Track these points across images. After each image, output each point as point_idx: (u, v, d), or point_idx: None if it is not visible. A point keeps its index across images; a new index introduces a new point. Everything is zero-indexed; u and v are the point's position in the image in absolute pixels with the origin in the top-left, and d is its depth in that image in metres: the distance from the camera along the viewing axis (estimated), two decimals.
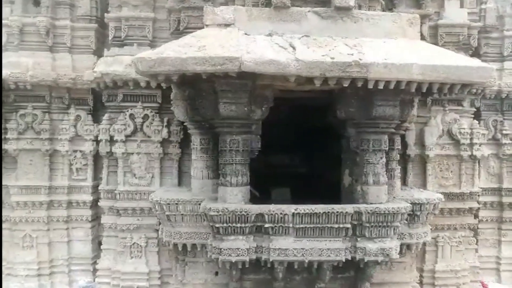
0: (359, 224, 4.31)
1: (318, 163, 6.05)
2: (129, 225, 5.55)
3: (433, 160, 5.76)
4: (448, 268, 5.73)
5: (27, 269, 5.79)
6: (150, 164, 5.59)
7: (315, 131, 5.86)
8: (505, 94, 6.09)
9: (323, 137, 5.65)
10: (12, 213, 5.87)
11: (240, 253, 4.27)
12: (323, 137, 5.65)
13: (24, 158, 5.89)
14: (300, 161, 6.51)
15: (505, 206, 6.21)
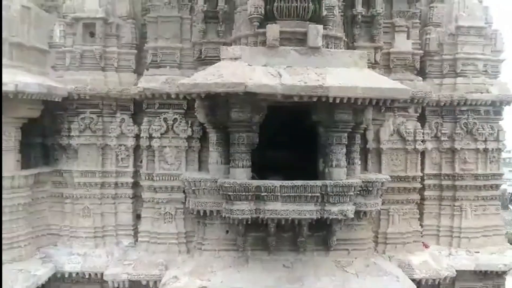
0: (325, 194, 6.31)
1: (303, 155, 8.02)
2: (163, 199, 7.57)
3: (386, 152, 7.78)
4: (397, 231, 7.77)
5: (86, 232, 7.78)
6: (178, 154, 7.60)
7: (301, 131, 7.83)
8: (443, 103, 8.08)
9: (306, 137, 7.63)
10: (74, 191, 7.86)
11: (245, 213, 6.29)
12: (306, 137, 7.63)
13: (83, 150, 7.87)
14: (290, 154, 8.45)
15: (444, 187, 8.21)
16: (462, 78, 8.13)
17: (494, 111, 8.25)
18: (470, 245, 8.03)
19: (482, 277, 8.07)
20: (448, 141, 8.18)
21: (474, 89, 8.05)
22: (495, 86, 8.18)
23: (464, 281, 8.06)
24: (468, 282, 8.07)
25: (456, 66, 8.16)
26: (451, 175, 8.15)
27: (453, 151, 8.15)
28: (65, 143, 7.87)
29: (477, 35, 8.17)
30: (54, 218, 7.98)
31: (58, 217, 7.98)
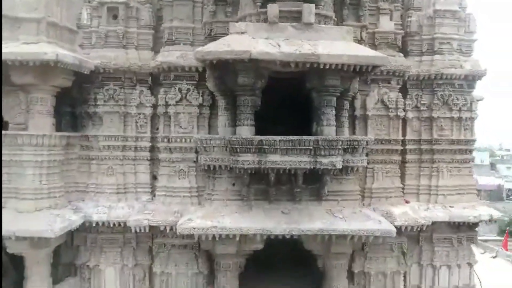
0: (317, 147, 7.44)
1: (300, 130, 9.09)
2: (177, 158, 8.71)
3: (371, 118, 8.93)
4: (381, 186, 8.93)
5: (110, 188, 8.91)
6: (191, 120, 8.74)
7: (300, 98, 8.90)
8: (422, 77, 9.22)
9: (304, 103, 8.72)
10: (99, 153, 8.97)
11: (249, 163, 7.42)
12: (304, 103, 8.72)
13: (107, 117, 8.99)
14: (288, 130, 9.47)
15: (423, 151, 9.35)
16: (439, 56, 9.27)
17: (467, 85, 9.38)
18: (446, 201, 9.16)
19: (456, 229, 9.20)
20: (426, 111, 9.31)
21: (449, 65, 9.19)
22: (468, 63, 9.32)
23: (440, 233, 9.21)
24: (444, 233, 9.22)
25: (433, 45, 9.30)
26: (429, 140, 9.29)
27: (431, 119, 9.28)
28: (91, 111, 9.00)
29: (452, 18, 9.31)
30: (81, 177, 9.10)
31: (85, 177, 9.10)
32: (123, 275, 9.00)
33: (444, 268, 9.28)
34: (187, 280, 8.69)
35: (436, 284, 9.26)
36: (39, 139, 7.90)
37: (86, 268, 9.01)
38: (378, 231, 7.65)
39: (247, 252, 8.31)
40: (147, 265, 9.09)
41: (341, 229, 7.61)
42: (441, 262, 9.25)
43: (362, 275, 8.96)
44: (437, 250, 9.24)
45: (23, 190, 7.89)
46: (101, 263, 8.92)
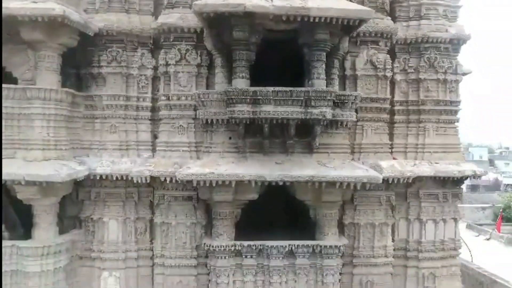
0: (308, 98, 7.93)
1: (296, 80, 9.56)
2: (177, 114, 9.20)
3: (361, 78, 9.41)
4: (369, 142, 9.42)
5: (113, 145, 9.37)
6: (189, 79, 9.21)
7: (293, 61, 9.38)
8: (409, 40, 9.70)
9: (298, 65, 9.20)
10: (103, 112, 9.45)
11: (244, 113, 7.91)
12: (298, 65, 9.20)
13: (110, 78, 9.44)
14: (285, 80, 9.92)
15: (410, 112, 9.82)
16: (426, 21, 9.74)
17: (452, 48, 9.86)
18: (432, 158, 9.63)
19: (442, 185, 9.68)
20: (414, 73, 9.79)
21: (435, 29, 9.65)
22: (453, 27, 9.79)
23: (426, 189, 9.68)
24: (430, 189, 9.69)
25: (420, 11, 9.76)
26: (416, 101, 9.76)
27: (418, 81, 9.75)
28: (95, 72, 9.48)
29: None
30: (86, 135, 9.57)
31: (89, 135, 9.58)
32: (125, 227, 9.48)
33: (431, 222, 9.76)
34: (186, 229, 9.17)
35: (423, 238, 9.72)
36: (47, 93, 8.38)
37: (90, 221, 9.50)
38: (365, 177, 8.14)
39: (242, 201, 8.80)
40: (148, 219, 9.59)
41: (330, 176, 8.09)
42: (427, 216, 9.72)
43: (352, 226, 9.45)
44: (424, 205, 9.72)
45: (32, 141, 8.38)
46: (105, 216, 9.40)
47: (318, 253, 8.70)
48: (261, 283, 8.80)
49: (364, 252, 9.38)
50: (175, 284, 9.13)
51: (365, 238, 9.39)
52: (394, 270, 9.78)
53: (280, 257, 8.67)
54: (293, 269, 8.80)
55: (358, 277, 9.41)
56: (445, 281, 9.82)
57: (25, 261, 8.39)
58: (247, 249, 8.63)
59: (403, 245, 9.81)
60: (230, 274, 8.73)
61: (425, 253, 9.69)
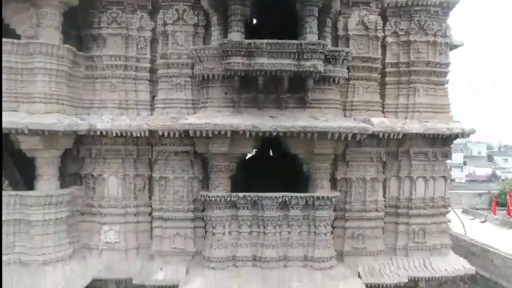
0: (300, 51, 8.23)
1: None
2: (175, 73, 9.52)
3: (353, 38, 9.71)
4: (361, 100, 9.72)
5: (113, 103, 9.66)
6: (187, 38, 9.51)
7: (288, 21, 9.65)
8: (400, 4, 10.01)
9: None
10: (103, 72, 9.75)
11: (239, 65, 8.22)
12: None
13: (110, 39, 9.73)
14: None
15: (401, 73, 10.08)
16: None
17: (442, 12, 10.13)
18: (422, 117, 9.92)
19: (431, 143, 9.98)
20: (404, 36, 10.09)
21: None
22: None
23: (417, 147, 9.98)
24: (420, 148, 9.99)
25: None
26: (406, 63, 10.06)
27: (408, 43, 10.05)
28: (95, 33, 9.77)
29: None
30: (86, 95, 9.86)
31: (90, 94, 9.88)
32: (125, 183, 9.79)
33: (421, 180, 10.06)
34: (183, 183, 9.49)
35: (413, 195, 10.03)
36: (49, 48, 8.69)
37: (91, 178, 9.81)
38: (355, 128, 8.45)
39: (237, 155, 9.12)
40: (147, 176, 9.89)
41: (322, 126, 8.40)
42: (418, 174, 10.02)
43: (344, 182, 9.76)
44: (414, 163, 10.02)
45: (34, 95, 8.68)
46: (105, 172, 9.72)
47: (310, 204, 9.00)
48: (256, 234, 9.10)
49: (356, 206, 9.69)
50: (173, 236, 9.44)
51: (356, 193, 9.71)
52: (386, 227, 10.11)
53: (274, 208, 8.97)
54: (287, 221, 9.10)
55: (350, 230, 9.72)
56: (435, 237, 10.13)
57: (28, 210, 8.70)
58: (242, 200, 8.94)
59: (394, 203, 10.11)
60: (226, 225, 9.04)
61: (415, 210, 9.99)
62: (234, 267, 9.00)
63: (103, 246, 9.73)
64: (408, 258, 9.96)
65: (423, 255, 10.02)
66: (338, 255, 9.55)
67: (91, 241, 9.79)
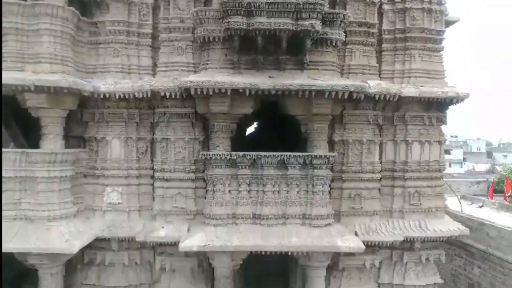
0: (299, 11, 8.42)
1: None
2: (176, 37, 9.75)
3: (349, 4, 9.87)
4: (358, 63, 9.94)
5: (116, 67, 9.86)
6: (188, 3, 9.70)
7: None
8: None
9: None
10: (106, 37, 9.98)
11: (239, 24, 8.41)
12: None
13: (113, 5, 9.82)
14: None
15: (397, 39, 10.29)
16: None
17: None
18: (417, 82, 10.15)
19: (427, 108, 10.22)
20: (400, 3, 10.31)
21: None
22: None
23: (412, 111, 10.21)
24: (416, 112, 10.23)
25: None
26: (402, 29, 10.29)
27: (404, 10, 10.28)
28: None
29: None
30: (90, 60, 10.10)
31: (93, 59, 10.11)
32: (127, 146, 10.04)
33: (416, 143, 10.30)
34: (184, 144, 9.74)
35: (409, 158, 10.27)
36: (54, 9, 8.92)
37: (94, 141, 10.06)
38: (352, 86, 8.69)
39: (237, 115, 9.35)
40: (149, 139, 10.14)
41: (319, 84, 8.64)
42: (413, 138, 10.26)
43: (341, 144, 10.00)
44: (410, 128, 10.26)
45: (40, 55, 8.91)
46: (108, 135, 9.97)
47: (308, 164, 9.24)
48: (256, 192, 9.35)
49: (353, 168, 9.93)
50: (174, 195, 9.69)
51: (353, 155, 9.95)
52: (382, 190, 10.35)
53: (273, 167, 9.22)
54: (286, 179, 9.34)
55: (347, 191, 9.97)
56: (430, 200, 10.36)
57: (33, 167, 8.94)
58: (242, 159, 9.18)
59: (391, 166, 10.35)
60: (226, 184, 9.28)
61: (411, 173, 10.24)
62: (234, 224, 9.24)
63: (106, 207, 9.97)
64: (404, 220, 10.20)
65: (418, 217, 10.26)
66: (335, 216, 9.80)
67: (94, 203, 10.03)
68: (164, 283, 9.94)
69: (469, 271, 15.40)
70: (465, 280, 15.66)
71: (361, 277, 10.19)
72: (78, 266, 10.27)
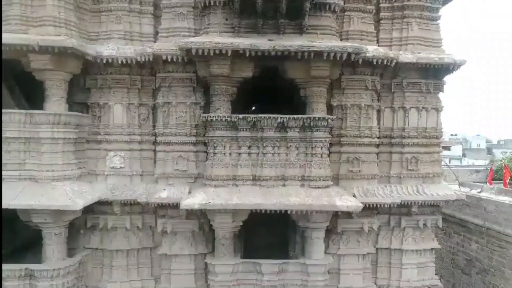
0: None
1: None
2: (177, 2, 9.88)
3: None
4: (356, 29, 10.09)
5: (118, 34, 9.95)
6: None
7: None
8: None
9: None
10: (108, 4, 10.10)
11: None
12: None
13: None
14: None
15: (395, 8, 10.48)
16: None
17: None
18: (415, 49, 10.32)
19: (424, 75, 10.37)
20: None
21: None
22: None
23: (410, 78, 10.38)
24: (414, 79, 10.39)
25: None
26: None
27: None
28: None
29: None
30: (93, 28, 10.24)
31: (96, 27, 10.25)
32: (130, 112, 10.21)
33: (414, 110, 10.47)
34: (186, 108, 9.91)
35: (406, 125, 10.44)
36: None
37: (97, 106, 10.23)
38: (350, 47, 8.84)
39: (237, 79, 9.51)
40: (151, 106, 10.31)
41: (318, 45, 8.80)
42: (411, 105, 10.42)
43: (340, 109, 10.17)
44: (408, 95, 10.43)
45: (44, 18, 9.07)
46: (110, 100, 10.13)
47: (307, 126, 9.40)
48: (256, 155, 9.51)
49: (351, 132, 10.10)
50: (176, 158, 9.87)
51: (351, 119, 10.12)
52: (380, 156, 10.52)
53: (273, 129, 9.38)
54: (285, 142, 9.50)
55: (346, 155, 10.14)
56: (428, 166, 10.53)
57: (38, 128, 9.11)
58: (242, 121, 9.34)
59: (388, 133, 10.52)
60: (226, 146, 9.44)
61: (409, 139, 10.41)
62: (234, 186, 9.40)
63: (109, 171, 10.15)
64: (401, 185, 10.37)
65: (416, 182, 10.43)
66: (334, 179, 9.96)
67: (96, 167, 10.20)
68: (165, 246, 10.11)
69: (466, 247, 15.60)
70: (463, 257, 15.85)
71: (359, 240, 10.35)
72: (81, 231, 10.44)
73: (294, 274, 9.62)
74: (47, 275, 9.05)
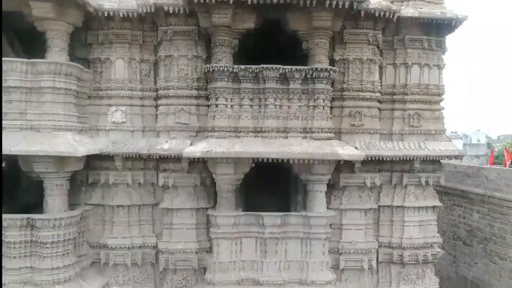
0: None
1: None
2: None
3: None
4: None
5: None
6: None
7: None
8: None
9: None
10: None
11: None
12: None
13: None
14: None
15: None
16: None
17: None
18: (416, 5, 10.27)
19: (426, 31, 10.36)
20: None
21: None
22: None
23: (412, 34, 10.35)
24: (416, 35, 10.37)
25: None
26: None
27: None
28: None
29: None
30: None
31: None
32: (131, 67, 10.20)
33: (416, 66, 10.44)
34: (187, 62, 9.90)
35: (408, 81, 10.42)
36: None
37: (98, 62, 10.21)
38: None
39: (240, 30, 9.45)
40: (152, 61, 10.30)
41: None
42: (412, 61, 10.39)
43: (342, 63, 10.15)
44: (409, 51, 10.40)
45: None
46: (111, 56, 10.11)
47: (310, 77, 9.36)
48: (257, 107, 9.47)
49: (354, 86, 10.08)
50: (177, 112, 9.85)
51: (354, 73, 10.10)
52: (382, 113, 10.50)
53: (275, 80, 9.34)
54: (287, 94, 9.47)
55: (348, 109, 10.12)
56: (430, 123, 10.51)
57: (39, 77, 9.08)
58: (244, 72, 9.30)
59: (391, 90, 10.50)
60: (228, 98, 9.40)
61: (411, 96, 10.39)
62: (236, 137, 9.37)
63: (110, 126, 10.13)
64: (403, 141, 10.35)
65: (418, 138, 10.41)
66: (336, 134, 9.94)
67: (98, 122, 10.18)
68: (167, 201, 10.09)
69: (468, 218, 15.57)
70: (464, 228, 15.83)
71: (361, 195, 10.34)
72: (82, 188, 10.42)
73: (296, 226, 9.59)
74: (48, 224, 9.02)
